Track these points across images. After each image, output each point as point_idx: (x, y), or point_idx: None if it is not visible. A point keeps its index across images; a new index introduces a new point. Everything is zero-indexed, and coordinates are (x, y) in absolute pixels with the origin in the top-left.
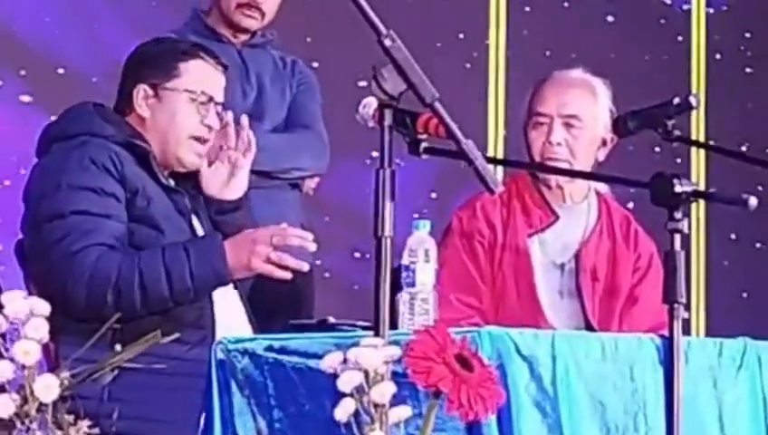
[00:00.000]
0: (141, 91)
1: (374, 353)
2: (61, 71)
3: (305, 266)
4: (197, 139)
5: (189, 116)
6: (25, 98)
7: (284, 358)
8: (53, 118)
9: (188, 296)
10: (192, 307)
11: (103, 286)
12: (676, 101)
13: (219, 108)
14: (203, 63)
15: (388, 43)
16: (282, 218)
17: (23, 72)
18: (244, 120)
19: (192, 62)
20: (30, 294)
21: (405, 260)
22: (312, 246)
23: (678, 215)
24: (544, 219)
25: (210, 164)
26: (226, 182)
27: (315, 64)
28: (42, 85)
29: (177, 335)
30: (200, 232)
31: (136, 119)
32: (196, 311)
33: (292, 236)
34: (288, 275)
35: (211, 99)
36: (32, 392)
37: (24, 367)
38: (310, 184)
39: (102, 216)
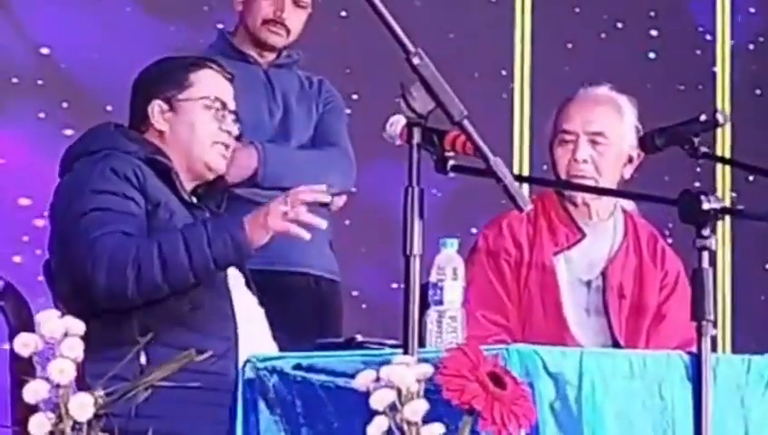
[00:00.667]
0: (156, 107)
1: (407, 371)
2: (109, 108)
3: (323, 224)
4: (220, 144)
5: (208, 123)
6: (68, 132)
7: (313, 376)
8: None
9: (209, 266)
10: (216, 318)
11: (123, 262)
12: (703, 117)
13: (233, 116)
14: (212, 72)
15: (416, 61)
16: (311, 233)
17: (65, 105)
18: None
19: (201, 71)
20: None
21: (433, 278)
22: (327, 198)
23: (706, 232)
24: (571, 237)
25: None
26: None
27: (354, 96)
28: (85, 118)
29: (210, 353)
30: None
31: (154, 134)
32: (220, 322)
33: (306, 192)
34: (306, 235)
35: (225, 105)
36: (67, 411)
37: (58, 386)
38: (338, 202)
39: (123, 212)
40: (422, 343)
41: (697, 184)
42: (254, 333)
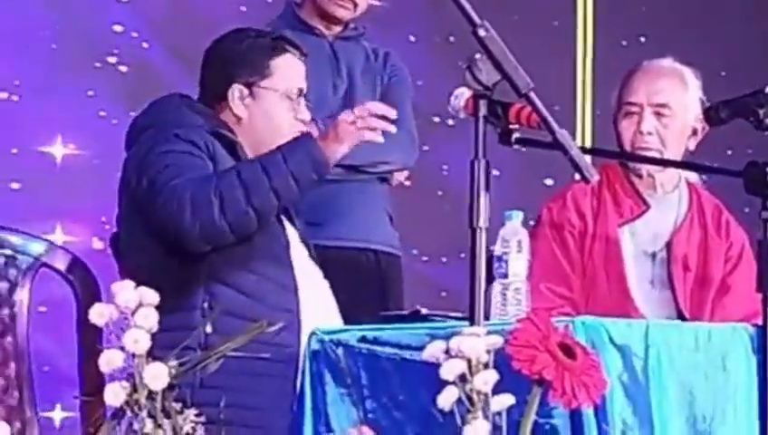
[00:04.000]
0: (237, 92)
1: (477, 342)
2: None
3: (392, 128)
4: (294, 133)
5: (285, 114)
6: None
7: (378, 349)
8: None
9: (290, 185)
10: (279, 289)
11: (205, 194)
12: None
13: (307, 101)
14: (291, 57)
15: (482, 33)
16: (371, 209)
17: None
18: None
19: (282, 57)
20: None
21: (497, 251)
22: (392, 113)
23: None
24: (635, 209)
25: None
26: None
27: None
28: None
29: (282, 325)
30: (285, 221)
31: (231, 117)
32: (283, 294)
33: (373, 104)
34: (380, 137)
35: (301, 91)
36: (141, 381)
37: (133, 356)
38: (399, 177)
39: (194, 166)
40: (486, 316)
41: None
42: (318, 305)
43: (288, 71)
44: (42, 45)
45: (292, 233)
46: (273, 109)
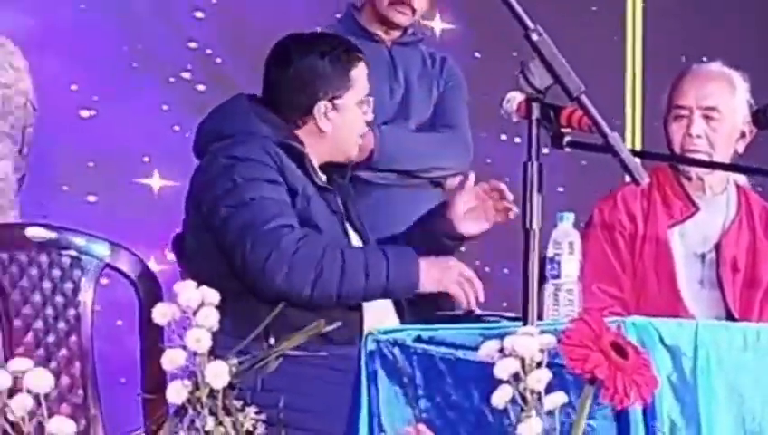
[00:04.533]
0: (323, 108)
1: (531, 342)
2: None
3: (482, 298)
4: (361, 136)
5: (358, 119)
6: None
7: (432, 348)
8: None
9: (378, 295)
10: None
11: (308, 264)
12: None
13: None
14: (362, 65)
15: (534, 37)
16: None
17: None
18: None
19: (357, 68)
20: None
21: (550, 252)
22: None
23: None
24: (685, 211)
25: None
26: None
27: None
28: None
29: (338, 324)
30: (350, 230)
31: (314, 130)
32: (346, 311)
33: (477, 287)
34: (474, 306)
35: (369, 95)
36: (203, 379)
37: (195, 354)
38: (453, 181)
39: (281, 202)
40: (539, 316)
41: None
42: (376, 307)
43: (362, 79)
44: (118, 62)
45: (356, 243)
46: (353, 117)
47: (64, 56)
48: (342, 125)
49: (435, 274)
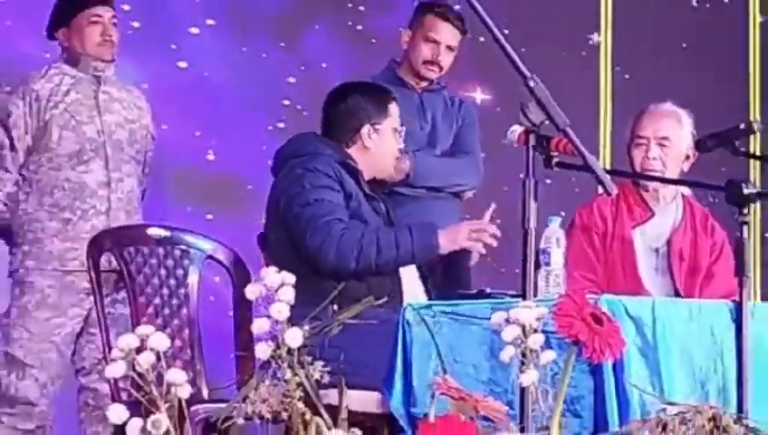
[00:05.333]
0: (367, 130)
1: (529, 312)
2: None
3: (495, 242)
4: (396, 158)
5: (394, 144)
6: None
7: (455, 318)
8: None
9: (408, 261)
10: (390, 281)
11: (349, 245)
12: (742, 126)
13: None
14: (395, 104)
15: (532, 84)
16: (448, 218)
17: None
18: None
19: (391, 105)
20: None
21: (542, 245)
22: (497, 233)
23: (746, 211)
24: (644, 215)
25: None
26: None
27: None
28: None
29: (385, 299)
30: None
31: (360, 148)
32: (391, 285)
33: (489, 225)
34: (483, 250)
35: (401, 126)
36: (283, 341)
37: (277, 322)
38: (468, 194)
39: (336, 203)
40: (534, 294)
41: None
42: (413, 288)
43: (395, 113)
44: (231, 115)
45: None
46: (388, 141)
47: (192, 110)
48: (381, 144)
49: (450, 236)
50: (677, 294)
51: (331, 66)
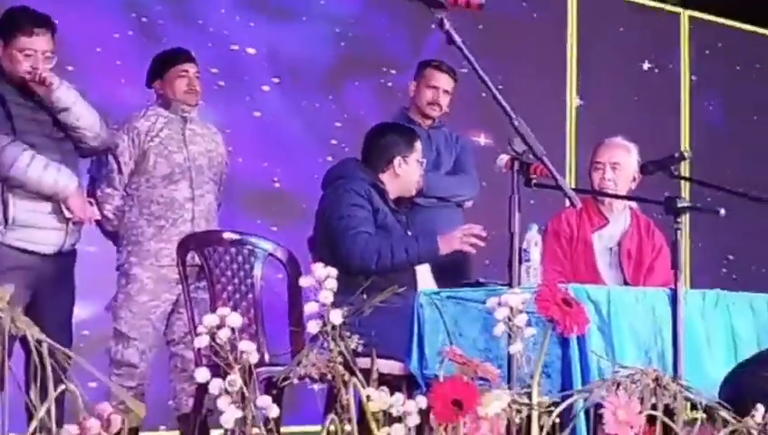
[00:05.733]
0: (397, 161)
1: (516, 298)
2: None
3: (482, 244)
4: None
5: (417, 172)
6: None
7: (459, 301)
8: None
9: (416, 262)
10: (407, 274)
11: (370, 253)
12: (676, 155)
13: None
14: (419, 141)
15: (516, 123)
16: (452, 224)
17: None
18: None
19: (417, 141)
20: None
21: (524, 246)
22: (483, 233)
23: (680, 219)
24: (601, 222)
25: None
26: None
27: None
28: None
29: (404, 288)
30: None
31: (392, 174)
32: (408, 277)
33: (475, 228)
34: (473, 250)
35: (423, 157)
36: (328, 319)
37: (324, 305)
38: (468, 204)
39: (364, 218)
40: (519, 283)
41: (667, 192)
42: (425, 279)
43: (419, 149)
44: (292, 152)
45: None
46: (414, 169)
47: (262, 147)
48: (408, 172)
49: (447, 241)
50: (626, 283)
51: (367, 114)
